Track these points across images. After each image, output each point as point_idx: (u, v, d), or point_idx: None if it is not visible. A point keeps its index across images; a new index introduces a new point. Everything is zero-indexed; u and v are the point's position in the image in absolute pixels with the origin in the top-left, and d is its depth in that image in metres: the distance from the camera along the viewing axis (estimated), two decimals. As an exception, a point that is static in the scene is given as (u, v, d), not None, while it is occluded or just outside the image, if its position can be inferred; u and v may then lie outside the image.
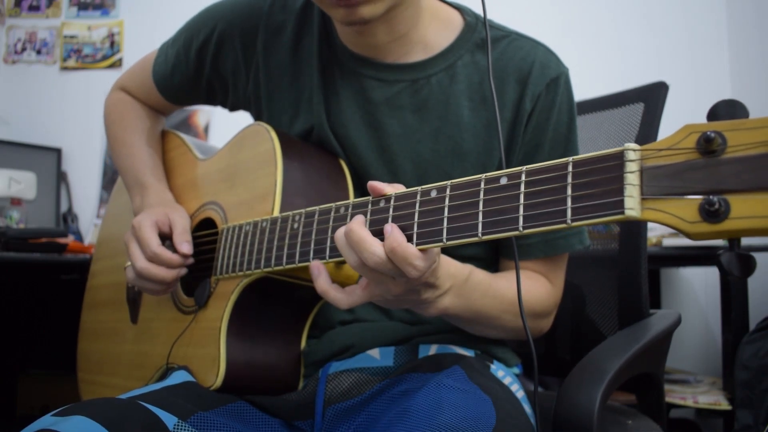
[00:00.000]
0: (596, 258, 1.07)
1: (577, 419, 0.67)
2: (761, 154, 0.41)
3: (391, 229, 0.59)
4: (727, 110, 0.44)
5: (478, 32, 0.87)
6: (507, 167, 0.75)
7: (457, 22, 0.89)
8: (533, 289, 0.84)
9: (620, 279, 1.02)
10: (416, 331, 0.85)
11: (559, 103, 0.85)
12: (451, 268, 0.69)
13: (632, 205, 0.45)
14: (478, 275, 0.75)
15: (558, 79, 0.85)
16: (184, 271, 0.88)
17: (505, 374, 0.85)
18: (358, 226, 0.60)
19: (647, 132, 1.02)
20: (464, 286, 0.71)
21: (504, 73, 0.84)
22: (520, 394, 0.84)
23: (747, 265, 0.44)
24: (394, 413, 0.69)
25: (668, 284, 2.42)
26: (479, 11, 0.90)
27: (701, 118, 0.46)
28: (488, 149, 0.85)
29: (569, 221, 0.49)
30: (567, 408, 0.69)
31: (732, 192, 0.42)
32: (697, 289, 2.39)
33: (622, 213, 0.46)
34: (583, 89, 1.27)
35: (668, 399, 1.88)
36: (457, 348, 0.85)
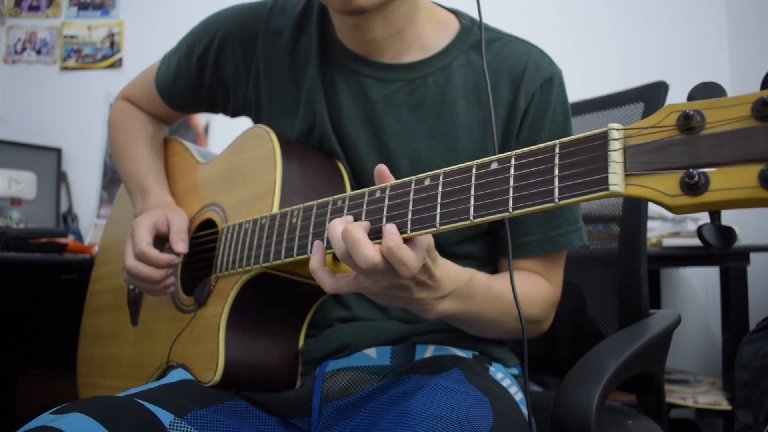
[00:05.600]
0: (596, 258, 1.07)
1: (575, 419, 0.67)
2: (738, 129, 0.42)
3: (390, 229, 0.59)
4: (705, 91, 0.45)
5: (474, 34, 0.89)
6: None
7: (453, 25, 0.91)
8: (532, 292, 0.84)
9: (620, 279, 1.01)
10: (413, 330, 0.85)
11: (554, 102, 0.86)
12: (452, 273, 0.69)
13: (616, 181, 0.47)
14: (480, 279, 0.75)
15: (552, 79, 0.86)
16: (175, 260, 0.87)
17: (503, 376, 0.86)
18: (355, 227, 0.60)
19: (647, 131, 1.02)
20: (465, 289, 0.71)
21: (498, 73, 0.86)
22: (518, 396, 0.84)
23: (727, 236, 0.45)
24: (393, 415, 0.69)
25: (668, 284, 2.41)
26: (476, 14, 0.91)
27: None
28: (483, 147, 0.86)
29: (557, 200, 0.50)
30: (564, 407, 0.69)
31: (711, 165, 0.43)
32: (697, 289, 2.38)
33: (607, 189, 0.47)
34: (583, 89, 1.26)
35: (668, 399, 1.88)
36: (454, 349, 0.85)
